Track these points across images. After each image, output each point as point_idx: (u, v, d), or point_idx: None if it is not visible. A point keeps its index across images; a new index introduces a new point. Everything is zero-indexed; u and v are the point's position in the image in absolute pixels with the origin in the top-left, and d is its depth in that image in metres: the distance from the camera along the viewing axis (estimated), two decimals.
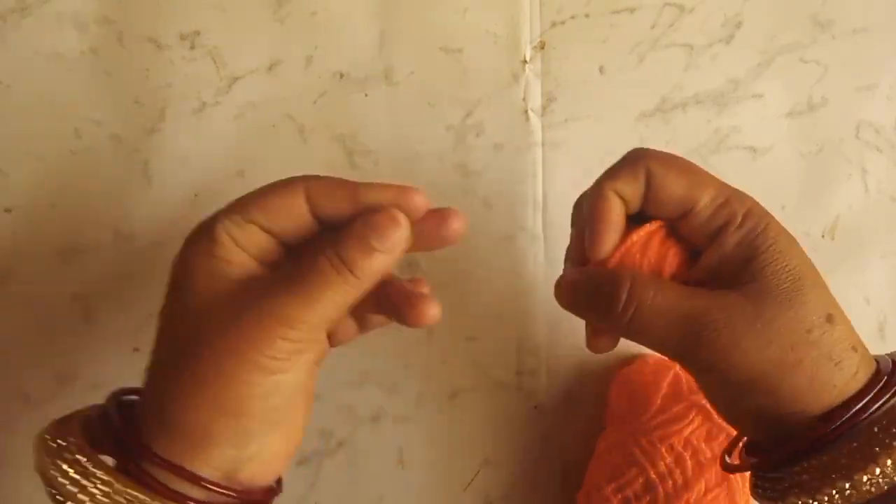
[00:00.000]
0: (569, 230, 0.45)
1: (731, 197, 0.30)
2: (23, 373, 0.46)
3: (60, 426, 0.29)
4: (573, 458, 0.46)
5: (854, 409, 0.27)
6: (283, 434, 0.30)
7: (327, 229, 0.29)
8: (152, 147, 0.45)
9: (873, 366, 0.29)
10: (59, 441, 0.27)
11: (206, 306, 0.28)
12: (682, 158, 0.32)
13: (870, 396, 0.28)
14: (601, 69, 0.45)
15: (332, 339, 0.32)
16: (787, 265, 0.29)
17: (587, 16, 0.45)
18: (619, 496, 0.42)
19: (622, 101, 0.45)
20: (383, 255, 0.28)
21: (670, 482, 0.41)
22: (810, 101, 0.45)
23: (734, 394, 0.29)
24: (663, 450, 0.41)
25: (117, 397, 0.31)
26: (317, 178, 0.29)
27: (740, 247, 0.30)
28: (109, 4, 0.45)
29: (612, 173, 0.32)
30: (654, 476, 0.41)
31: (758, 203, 0.31)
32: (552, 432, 0.46)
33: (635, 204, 0.31)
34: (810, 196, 0.45)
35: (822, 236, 0.45)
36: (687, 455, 0.41)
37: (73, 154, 0.45)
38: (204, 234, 0.29)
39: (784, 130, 0.45)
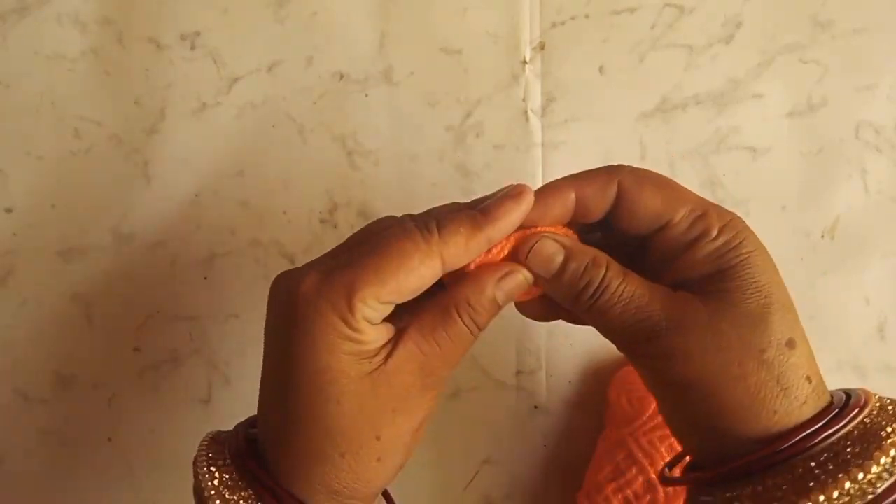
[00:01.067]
0: None
1: (709, 210, 0.30)
2: (23, 373, 0.46)
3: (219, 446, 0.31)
4: (573, 458, 0.46)
5: (793, 441, 0.27)
6: None
7: None
8: (152, 147, 0.45)
9: (826, 400, 0.28)
10: (229, 484, 0.30)
11: (368, 391, 0.29)
12: (657, 173, 0.31)
13: (811, 430, 0.27)
14: (601, 69, 0.45)
15: None
16: (757, 282, 0.29)
17: (587, 16, 0.45)
18: (620, 496, 0.42)
19: (622, 101, 0.45)
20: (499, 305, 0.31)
21: None
22: (810, 102, 0.45)
23: (674, 397, 0.29)
24: (664, 450, 0.41)
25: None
26: (447, 238, 0.29)
27: (711, 258, 0.29)
28: (109, 5, 0.45)
29: (580, 175, 0.31)
30: (654, 476, 0.41)
31: (739, 218, 0.30)
32: (552, 432, 0.46)
33: (596, 213, 0.31)
34: (810, 196, 0.45)
35: (822, 236, 0.45)
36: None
37: (73, 154, 0.45)
38: (342, 322, 0.28)
39: (784, 130, 0.45)
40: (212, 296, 0.46)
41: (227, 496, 0.29)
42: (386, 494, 0.36)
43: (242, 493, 0.29)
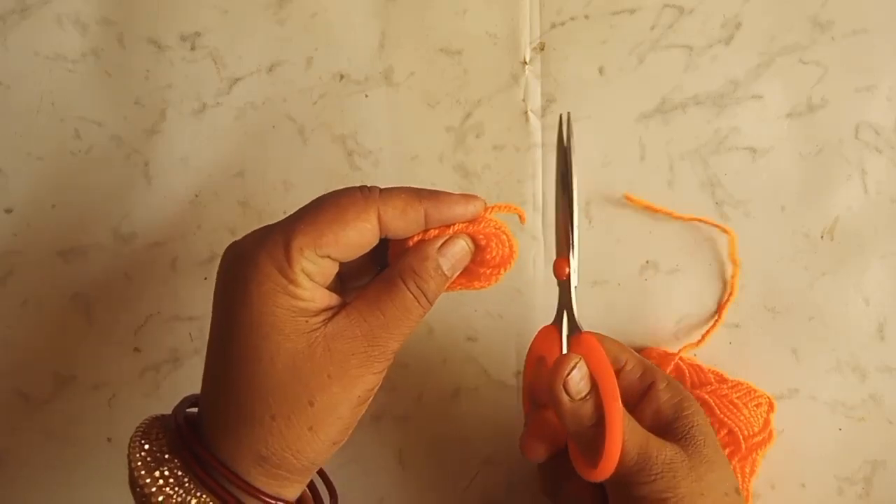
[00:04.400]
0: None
1: (650, 366, 0.37)
2: (23, 373, 0.46)
3: (154, 438, 0.30)
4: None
5: None
6: None
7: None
8: (153, 148, 0.45)
9: None
10: (157, 455, 0.29)
11: (303, 351, 0.28)
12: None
13: None
14: (601, 70, 0.45)
15: None
16: (705, 432, 0.34)
17: (587, 17, 0.45)
18: None
19: (622, 102, 0.45)
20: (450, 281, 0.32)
21: None
22: (810, 102, 0.45)
23: None
24: None
25: (185, 405, 0.32)
26: (386, 198, 0.30)
27: (669, 404, 0.35)
28: (110, 6, 0.45)
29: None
30: None
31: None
32: None
33: None
34: (810, 197, 0.45)
35: (822, 237, 0.45)
36: None
37: (73, 154, 0.45)
38: (278, 272, 0.28)
39: (784, 131, 0.45)
40: (212, 296, 0.46)
41: (152, 465, 0.28)
42: (322, 473, 0.35)
43: (170, 463, 0.28)
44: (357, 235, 0.29)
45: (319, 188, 0.45)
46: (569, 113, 0.36)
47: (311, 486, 0.35)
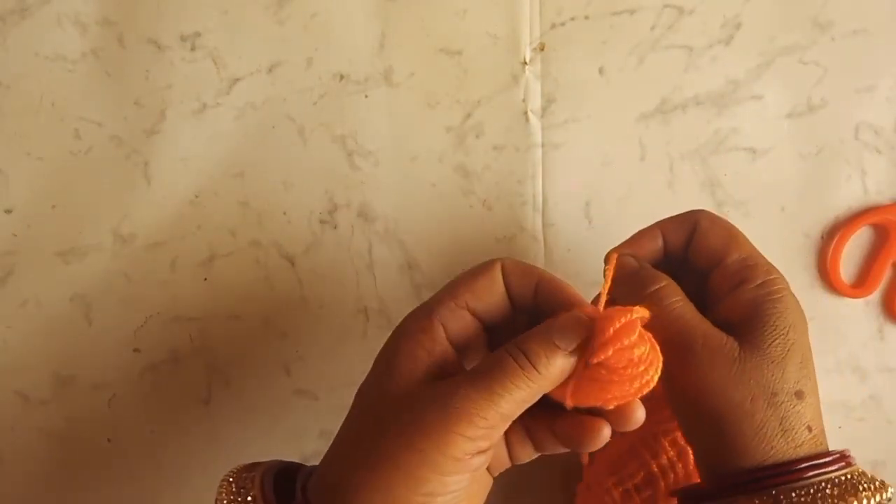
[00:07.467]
0: (568, 230, 0.45)
1: (759, 262, 0.34)
2: (23, 373, 0.46)
3: (245, 475, 0.31)
4: (573, 457, 0.46)
5: (782, 472, 0.30)
6: None
7: (520, 318, 0.33)
8: (152, 148, 0.45)
9: (822, 449, 0.32)
10: (241, 490, 0.30)
11: (399, 394, 0.30)
12: (730, 223, 0.36)
13: (802, 466, 0.30)
14: (601, 70, 0.45)
15: (510, 456, 0.34)
16: (784, 332, 0.32)
17: (587, 17, 0.45)
18: (620, 489, 0.42)
19: (622, 102, 0.45)
20: (565, 355, 0.29)
21: (672, 476, 0.41)
22: (810, 103, 0.45)
23: (692, 422, 0.33)
24: (666, 443, 0.41)
25: (288, 467, 0.33)
26: (506, 259, 0.33)
27: (752, 304, 0.33)
28: (110, 6, 0.45)
29: (666, 219, 0.37)
30: (655, 469, 0.41)
31: (783, 277, 0.34)
32: None
33: (677, 243, 0.36)
34: (810, 197, 0.45)
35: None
36: (689, 449, 0.41)
37: (73, 155, 0.45)
38: (419, 320, 0.31)
39: (784, 131, 0.45)
40: (212, 297, 0.46)
41: (233, 490, 0.30)
42: None
43: (247, 486, 0.30)
44: (485, 282, 0.32)
45: (319, 188, 0.46)
46: None
47: None
